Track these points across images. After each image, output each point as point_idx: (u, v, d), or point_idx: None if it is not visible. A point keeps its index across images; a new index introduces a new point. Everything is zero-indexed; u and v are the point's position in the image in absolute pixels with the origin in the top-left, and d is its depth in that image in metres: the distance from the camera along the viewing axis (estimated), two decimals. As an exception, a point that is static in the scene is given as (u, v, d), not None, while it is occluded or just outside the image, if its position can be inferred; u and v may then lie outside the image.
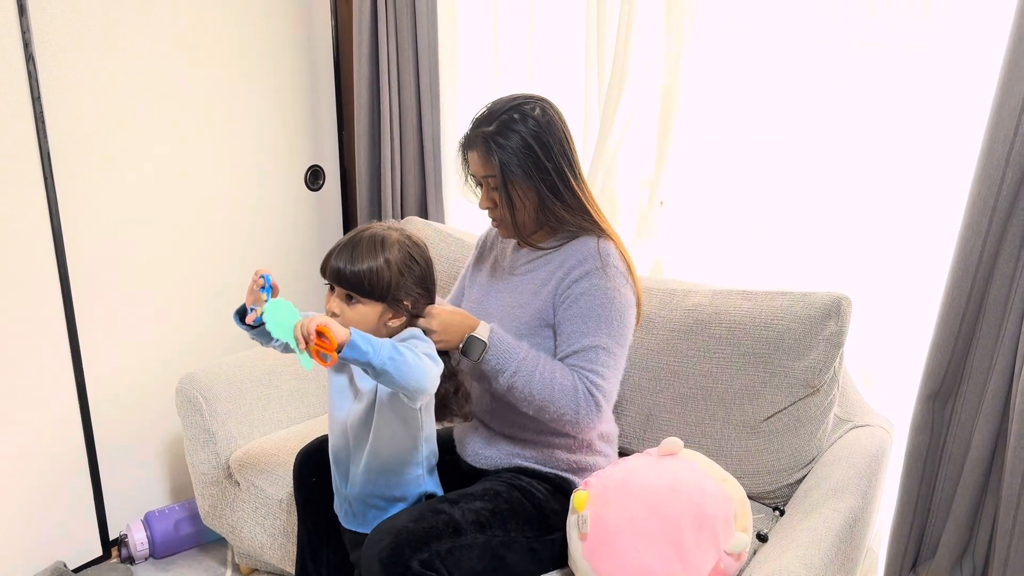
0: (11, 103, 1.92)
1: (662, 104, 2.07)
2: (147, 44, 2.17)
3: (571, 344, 1.52)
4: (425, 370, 1.30)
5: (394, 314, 1.44)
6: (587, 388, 1.48)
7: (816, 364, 1.70)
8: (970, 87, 1.69)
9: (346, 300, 1.41)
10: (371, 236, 1.43)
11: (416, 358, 1.29)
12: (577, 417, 1.48)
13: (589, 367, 1.49)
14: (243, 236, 2.52)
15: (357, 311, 1.41)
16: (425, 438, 1.52)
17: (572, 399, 1.47)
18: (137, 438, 2.36)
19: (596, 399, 1.48)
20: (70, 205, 2.08)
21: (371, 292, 1.40)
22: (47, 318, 2.08)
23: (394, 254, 1.42)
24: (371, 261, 1.39)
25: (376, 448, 1.49)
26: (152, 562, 2.33)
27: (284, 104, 2.56)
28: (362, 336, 1.24)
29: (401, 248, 1.44)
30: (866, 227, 1.90)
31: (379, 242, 1.42)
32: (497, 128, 1.51)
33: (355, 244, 1.41)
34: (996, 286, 1.57)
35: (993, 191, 1.51)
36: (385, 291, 1.41)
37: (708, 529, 1.42)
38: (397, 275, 1.41)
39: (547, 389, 1.47)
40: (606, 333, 1.51)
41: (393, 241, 1.43)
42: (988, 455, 1.63)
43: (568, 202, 1.56)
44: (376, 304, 1.41)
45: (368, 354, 1.23)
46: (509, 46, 2.39)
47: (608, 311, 1.51)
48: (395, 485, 1.53)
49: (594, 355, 1.50)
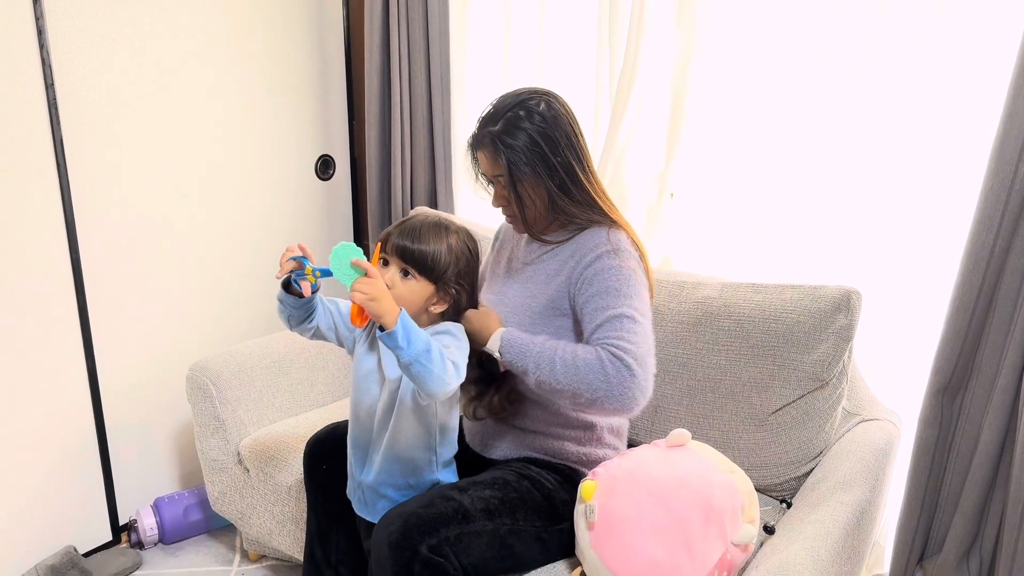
0: (24, 90, 1.93)
1: (673, 97, 2.07)
2: (159, 32, 2.18)
3: (594, 320, 1.48)
4: (445, 380, 1.33)
5: (439, 299, 1.48)
6: (612, 354, 1.41)
7: (825, 358, 1.70)
8: (982, 82, 1.69)
9: (402, 275, 1.44)
10: (435, 220, 1.48)
11: (442, 366, 1.32)
12: (610, 390, 1.40)
13: (614, 335, 1.44)
14: (253, 225, 2.53)
15: (409, 286, 1.44)
16: (441, 430, 1.54)
17: (600, 372, 1.40)
18: (147, 424, 2.37)
19: (625, 362, 1.40)
20: (82, 192, 2.09)
21: (430, 271, 1.44)
22: (59, 305, 2.09)
23: (454, 241, 1.47)
24: (436, 243, 1.45)
25: (395, 437, 1.51)
26: (161, 547, 2.35)
27: (295, 93, 2.56)
28: (406, 326, 1.29)
29: (460, 238, 1.49)
30: (876, 221, 1.89)
31: (443, 227, 1.48)
32: (503, 127, 1.51)
33: (420, 224, 1.46)
34: (1007, 280, 1.57)
35: (1006, 185, 1.51)
36: (441, 273, 1.45)
37: (715, 520, 1.42)
38: (454, 261, 1.46)
39: (571, 371, 1.42)
40: (627, 304, 1.47)
41: (454, 229, 1.49)
42: (996, 450, 1.63)
43: (577, 197, 1.55)
44: (428, 284, 1.45)
45: (401, 349, 1.28)
46: (520, 36, 2.38)
47: (626, 285, 1.48)
48: (409, 474, 1.54)
49: (618, 323, 1.45)
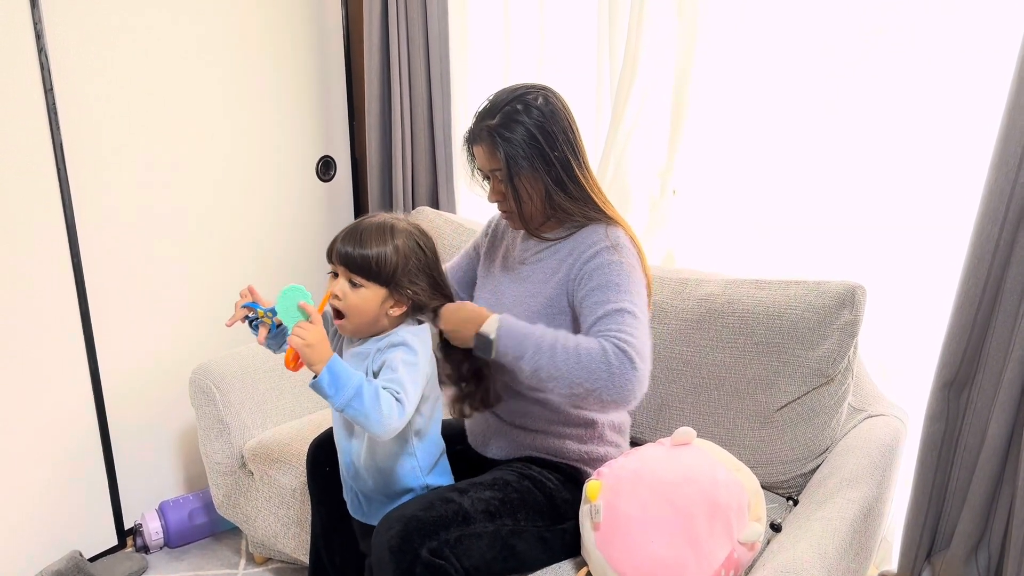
0: (24, 95, 1.93)
1: (674, 93, 2.06)
2: (158, 36, 2.18)
3: (594, 313, 1.45)
4: (382, 422, 1.31)
5: (395, 302, 1.44)
6: (615, 345, 1.38)
7: (830, 353, 1.69)
8: (985, 78, 1.67)
9: (350, 284, 1.42)
10: (379, 222, 1.44)
11: (376, 408, 1.30)
12: (612, 381, 1.36)
13: (615, 328, 1.41)
14: (255, 227, 2.53)
15: (360, 295, 1.41)
16: (417, 435, 1.52)
17: (603, 362, 1.37)
18: (151, 428, 2.37)
19: (628, 355, 1.37)
20: (83, 196, 2.09)
21: (377, 276, 1.40)
22: (62, 309, 2.09)
23: (401, 241, 1.43)
24: (379, 246, 1.40)
25: (372, 446, 1.50)
26: (167, 551, 2.35)
27: (295, 95, 2.56)
28: (333, 374, 1.28)
29: (408, 236, 1.45)
30: (881, 215, 1.88)
31: (387, 228, 1.43)
32: (501, 120, 1.49)
33: (363, 229, 1.42)
34: (1012, 274, 1.56)
35: (1010, 178, 1.50)
36: (390, 276, 1.41)
37: (721, 519, 1.41)
38: (403, 262, 1.42)
39: (573, 359, 1.38)
40: (627, 299, 1.45)
41: (401, 229, 1.44)
42: (1004, 444, 1.62)
43: (573, 193, 1.54)
44: (380, 289, 1.42)
45: (330, 396, 1.29)
46: (520, 35, 2.38)
47: (625, 280, 1.47)
48: (394, 482, 1.53)
49: (619, 317, 1.43)
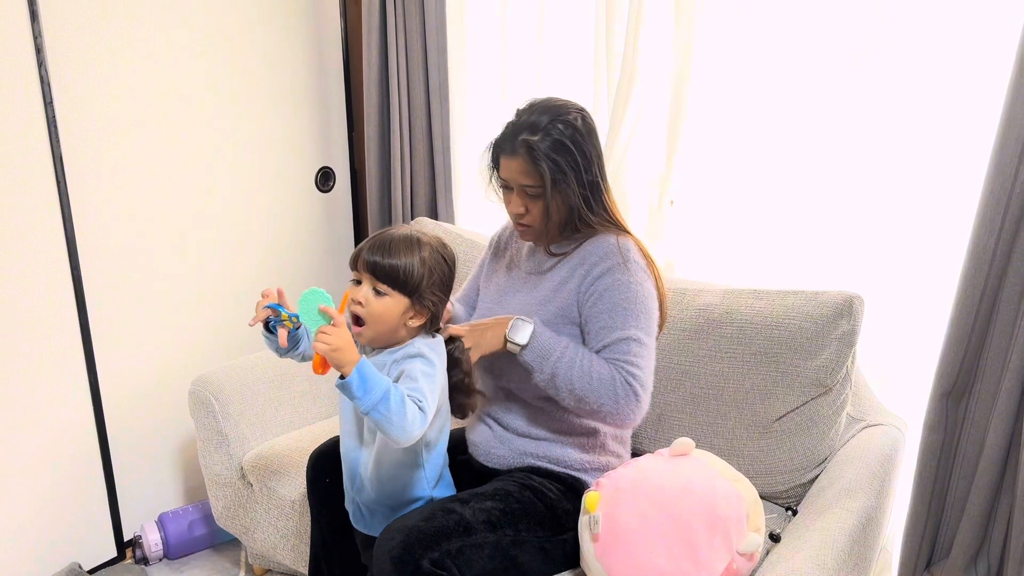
0: (24, 108, 1.94)
1: (671, 102, 2.06)
2: (157, 48, 2.18)
3: (601, 339, 1.52)
4: (406, 428, 1.31)
5: (415, 313, 1.46)
6: (624, 379, 1.48)
7: (828, 363, 1.69)
8: (982, 84, 1.68)
9: (374, 292, 1.43)
10: (406, 234, 1.47)
11: (401, 414, 1.30)
12: (617, 408, 1.49)
13: (623, 358, 1.50)
14: (254, 238, 2.53)
15: (383, 303, 1.42)
16: (427, 446, 1.52)
17: (611, 389, 1.48)
18: (151, 440, 2.37)
19: (634, 388, 1.48)
20: (83, 209, 2.09)
21: (403, 285, 1.42)
22: (61, 321, 2.09)
23: (427, 253, 1.45)
24: (407, 256, 1.43)
25: (379, 458, 1.50)
26: (166, 563, 2.34)
27: (294, 106, 2.57)
28: (363, 376, 1.28)
29: (433, 250, 1.47)
30: (878, 225, 1.89)
31: (414, 241, 1.46)
32: (543, 138, 1.51)
33: (391, 239, 1.45)
34: (1009, 283, 1.56)
35: (1006, 188, 1.50)
36: (415, 287, 1.43)
37: (720, 529, 1.41)
38: (428, 273, 1.44)
39: (586, 378, 1.48)
40: (635, 325, 1.51)
41: (426, 242, 1.47)
42: (1002, 453, 1.62)
43: (598, 211, 1.57)
44: (403, 299, 1.43)
45: (358, 399, 1.29)
46: (518, 46, 2.38)
47: (634, 304, 1.52)
48: (399, 493, 1.53)
49: (626, 346, 1.50)
